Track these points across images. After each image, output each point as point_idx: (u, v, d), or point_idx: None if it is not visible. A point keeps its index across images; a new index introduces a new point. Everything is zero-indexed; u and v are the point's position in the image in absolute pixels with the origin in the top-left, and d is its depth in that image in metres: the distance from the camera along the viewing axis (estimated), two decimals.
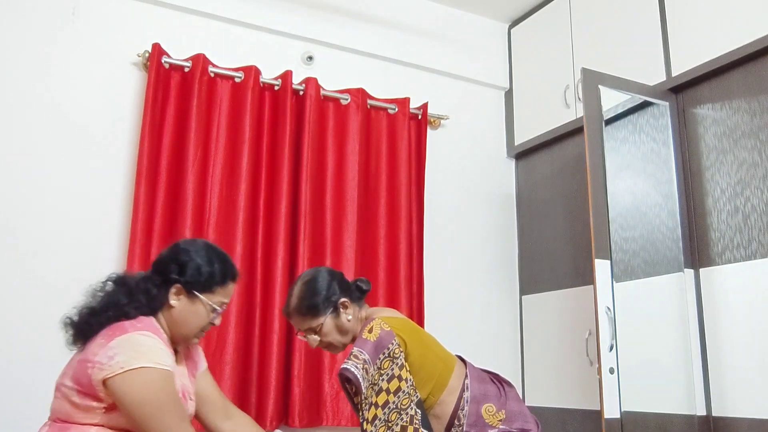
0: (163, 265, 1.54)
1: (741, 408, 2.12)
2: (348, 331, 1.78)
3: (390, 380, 1.59)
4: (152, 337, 1.42)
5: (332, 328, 1.77)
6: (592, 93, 2.40)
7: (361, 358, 1.61)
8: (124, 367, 1.34)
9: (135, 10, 2.61)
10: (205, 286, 1.53)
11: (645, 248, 2.48)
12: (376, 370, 1.60)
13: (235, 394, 2.38)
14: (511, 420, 1.71)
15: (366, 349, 1.62)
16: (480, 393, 1.72)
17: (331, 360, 2.56)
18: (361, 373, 1.59)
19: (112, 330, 1.41)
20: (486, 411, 1.69)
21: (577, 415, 2.68)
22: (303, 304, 1.76)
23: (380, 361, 1.61)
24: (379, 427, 1.56)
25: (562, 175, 2.97)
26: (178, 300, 1.52)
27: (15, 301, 2.21)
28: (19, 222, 2.27)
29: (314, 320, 1.76)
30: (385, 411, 1.57)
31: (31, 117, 2.35)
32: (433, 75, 3.21)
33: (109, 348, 1.36)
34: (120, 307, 1.45)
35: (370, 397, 1.59)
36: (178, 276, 1.51)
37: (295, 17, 2.89)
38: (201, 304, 1.53)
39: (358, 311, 1.81)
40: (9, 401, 2.12)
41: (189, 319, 1.53)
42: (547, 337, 2.93)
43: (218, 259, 1.57)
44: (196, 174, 2.47)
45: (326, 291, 1.76)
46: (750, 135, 2.21)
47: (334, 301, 1.76)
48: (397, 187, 2.84)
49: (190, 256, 1.53)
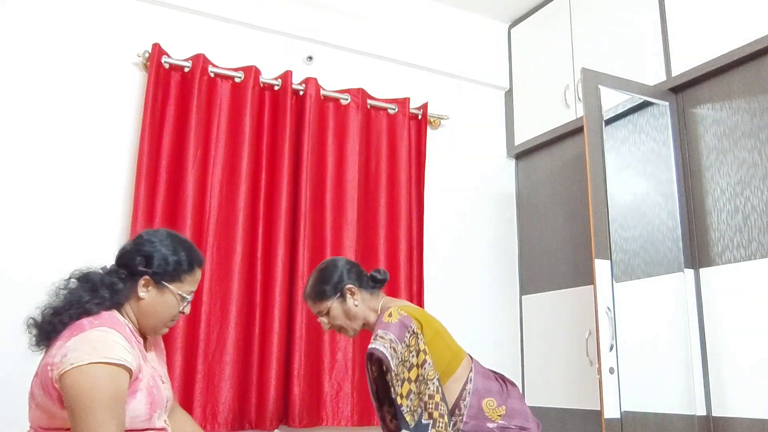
0: (128, 257, 1.51)
1: (741, 408, 2.12)
2: (356, 316, 1.91)
3: (417, 354, 1.72)
4: (109, 332, 1.38)
5: (339, 312, 1.91)
6: (592, 93, 2.40)
7: (387, 338, 1.72)
8: (74, 364, 1.30)
9: (135, 10, 2.61)
10: (174, 275, 1.51)
11: (645, 248, 2.48)
12: (405, 347, 1.72)
13: (235, 394, 2.38)
14: (511, 416, 1.77)
15: (390, 330, 1.74)
16: (483, 387, 1.80)
17: (331, 360, 2.56)
18: (390, 352, 1.70)
19: (71, 330, 1.39)
20: (487, 405, 1.77)
21: (577, 415, 2.68)
22: (314, 290, 1.93)
23: (407, 338, 1.73)
24: (414, 400, 1.69)
25: (562, 175, 2.97)
26: (147, 291, 1.50)
27: (15, 301, 2.21)
28: (20, 222, 2.27)
29: (322, 304, 1.91)
30: (417, 384, 1.70)
31: (31, 117, 2.35)
32: (433, 75, 3.21)
33: (65, 348, 1.34)
34: (82, 304, 1.42)
35: (402, 373, 1.70)
36: (145, 268, 1.49)
37: (295, 17, 2.89)
38: (170, 294, 1.52)
39: (369, 299, 1.94)
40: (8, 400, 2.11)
41: (159, 309, 1.52)
42: (547, 337, 2.93)
43: (183, 247, 1.55)
44: (196, 174, 2.47)
45: (336, 278, 1.91)
46: (750, 135, 2.21)
47: (341, 288, 1.91)
48: (397, 187, 2.84)
49: (154, 246, 1.51)
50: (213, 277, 2.44)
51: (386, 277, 2.00)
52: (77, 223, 2.36)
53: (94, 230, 2.37)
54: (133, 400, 1.40)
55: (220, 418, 2.34)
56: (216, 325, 2.42)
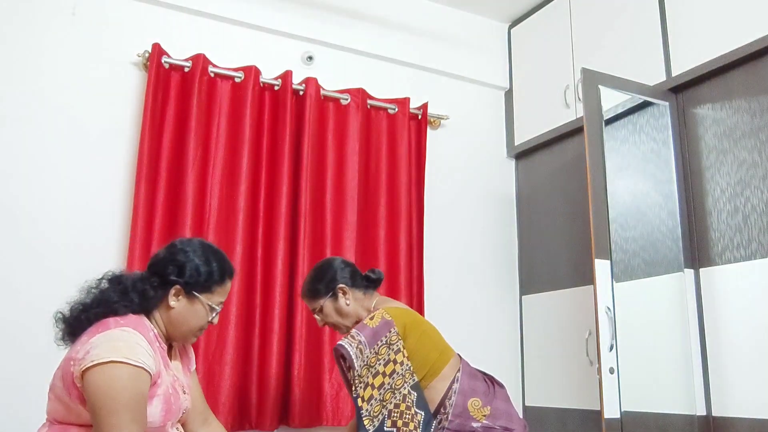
0: (160, 266, 1.52)
1: (741, 408, 2.12)
2: (348, 315, 1.96)
3: (386, 364, 1.75)
4: (132, 333, 1.39)
5: (331, 310, 1.97)
6: (592, 93, 2.40)
7: (357, 339, 1.78)
8: (95, 361, 1.31)
9: (135, 10, 2.61)
10: (205, 286, 1.53)
11: (645, 248, 2.48)
12: (373, 354, 1.76)
13: (235, 394, 2.38)
14: (496, 417, 1.80)
15: (364, 333, 1.79)
16: (469, 387, 1.83)
17: (331, 360, 2.56)
18: (355, 352, 1.76)
19: (96, 327, 1.40)
20: (472, 405, 1.80)
21: (577, 415, 2.68)
22: (308, 288, 2.01)
23: (378, 347, 1.76)
24: (375, 406, 1.72)
25: (562, 175, 2.97)
26: (178, 301, 1.51)
27: (15, 301, 2.21)
28: (20, 222, 2.27)
29: (316, 302, 1.99)
30: (381, 391, 1.73)
31: (31, 117, 2.35)
32: (433, 75, 3.21)
33: (89, 344, 1.35)
34: (110, 304, 1.44)
35: (366, 377, 1.74)
36: (177, 277, 1.50)
37: (295, 17, 2.89)
38: (200, 304, 1.53)
39: (363, 298, 1.99)
40: (8, 400, 2.12)
41: (189, 319, 1.53)
42: (547, 337, 2.93)
43: (215, 258, 1.56)
44: (196, 174, 2.47)
45: (329, 277, 1.98)
46: (750, 135, 2.21)
47: (333, 287, 1.96)
48: (397, 187, 2.84)
49: (188, 256, 1.52)
50: None
51: (380, 277, 2.05)
52: (77, 223, 2.36)
53: (94, 230, 2.37)
54: (150, 406, 1.39)
55: (220, 418, 2.33)
56: (216, 325, 2.41)
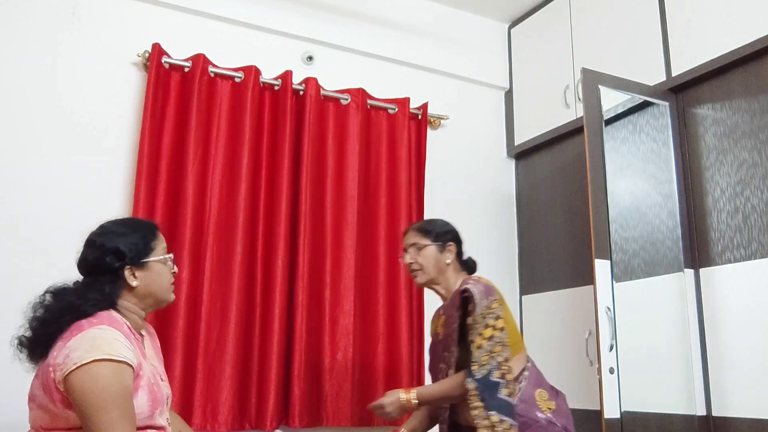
0: (98, 263, 1.52)
1: (741, 408, 2.12)
2: (440, 270, 2.03)
3: (496, 319, 1.83)
4: (109, 330, 1.40)
5: (431, 255, 2.03)
6: (592, 93, 2.40)
7: (477, 288, 1.87)
8: (77, 363, 1.32)
9: (135, 10, 2.61)
10: (146, 249, 1.56)
11: (645, 248, 2.48)
12: (486, 306, 1.83)
13: (235, 393, 2.38)
14: (559, 414, 1.85)
15: (479, 286, 1.88)
16: (537, 379, 1.91)
17: (331, 360, 2.56)
18: (479, 297, 1.84)
19: (70, 331, 1.40)
20: (539, 395, 1.86)
21: (577, 415, 2.67)
22: (425, 225, 2.09)
23: (489, 301, 1.85)
24: (482, 355, 1.78)
25: (562, 175, 2.97)
26: (136, 278, 1.53)
27: (15, 301, 2.20)
28: (20, 222, 2.27)
29: (423, 239, 2.04)
30: (490, 342, 1.80)
31: (31, 117, 2.35)
32: (433, 75, 3.21)
33: (67, 348, 1.35)
34: (76, 308, 1.43)
35: (479, 327, 1.82)
36: (120, 261, 1.51)
37: (295, 17, 2.89)
38: (155, 264, 1.57)
39: (456, 268, 2.06)
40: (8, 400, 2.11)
41: (156, 281, 1.56)
42: (547, 337, 2.93)
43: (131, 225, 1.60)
44: (196, 174, 2.47)
45: (447, 229, 2.07)
46: (750, 135, 2.21)
47: (446, 239, 2.05)
48: (397, 187, 2.84)
49: (111, 239, 1.53)
50: (213, 277, 2.43)
51: (475, 266, 2.12)
52: (77, 223, 2.34)
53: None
54: (135, 398, 1.40)
55: (220, 418, 2.34)
56: (216, 325, 2.42)
